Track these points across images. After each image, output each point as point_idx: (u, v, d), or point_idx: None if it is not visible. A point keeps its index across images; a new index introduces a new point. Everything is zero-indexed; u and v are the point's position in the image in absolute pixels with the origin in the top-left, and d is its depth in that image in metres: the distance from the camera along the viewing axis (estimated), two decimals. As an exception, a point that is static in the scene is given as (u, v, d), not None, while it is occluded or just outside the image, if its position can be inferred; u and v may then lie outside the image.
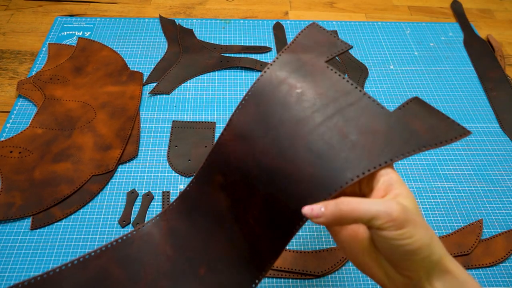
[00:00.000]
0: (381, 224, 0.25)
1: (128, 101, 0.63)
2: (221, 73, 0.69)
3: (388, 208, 0.25)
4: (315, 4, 0.86)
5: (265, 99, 0.32)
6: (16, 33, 0.75)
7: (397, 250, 0.26)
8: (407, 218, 0.25)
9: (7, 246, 0.48)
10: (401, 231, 0.25)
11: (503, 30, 0.82)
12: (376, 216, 0.25)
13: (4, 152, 0.55)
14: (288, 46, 0.35)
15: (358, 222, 0.26)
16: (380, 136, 0.29)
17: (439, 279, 0.27)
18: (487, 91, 0.69)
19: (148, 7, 0.82)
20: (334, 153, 0.29)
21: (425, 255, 0.26)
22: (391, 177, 0.28)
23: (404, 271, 0.27)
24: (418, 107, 0.31)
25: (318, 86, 0.32)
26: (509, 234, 0.51)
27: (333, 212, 0.26)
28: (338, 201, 0.26)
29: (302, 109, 0.31)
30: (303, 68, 0.33)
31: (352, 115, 0.31)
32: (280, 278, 0.47)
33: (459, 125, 0.30)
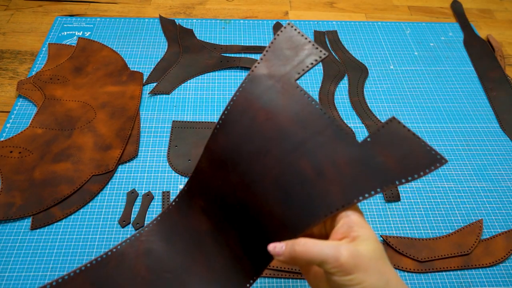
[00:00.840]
0: (329, 269, 0.25)
1: (128, 101, 0.63)
2: (221, 73, 0.69)
3: (336, 252, 0.25)
4: (315, 4, 0.86)
5: (234, 128, 0.32)
6: (16, 33, 0.75)
7: None
8: (356, 263, 0.25)
9: (7, 246, 0.48)
10: (349, 277, 0.25)
11: (503, 30, 0.82)
12: (325, 260, 0.25)
13: (4, 152, 0.55)
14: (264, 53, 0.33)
15: (311, 264, 0.27)
16: (347, 170, 0.28)
17: None
18: (487, 91, 0.69)
19: (148, 7, 0.82)
20: (301, 189, 0.29)
21: None
22: (351, 219, 0.27)
23: None
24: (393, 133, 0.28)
25: (286, 111, 0.31)
26: (509, 234, 0.51)
27: (289, 252, 0.27)
28: (295, 242, 0.27)
29: (269, 139, 0.30)
30: (272, 89, 0.32)
31: (318, 147, 0.29)
32: (280, 278, 0.47)
33: (435, 153, 0.26)
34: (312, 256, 0.26)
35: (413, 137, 0.27)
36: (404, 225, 0.52)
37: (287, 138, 0.30)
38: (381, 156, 0.28)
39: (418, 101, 0.67)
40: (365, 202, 0.54)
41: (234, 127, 0.31)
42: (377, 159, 0.28)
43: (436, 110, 0.66)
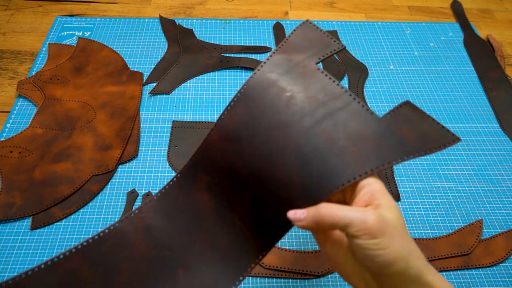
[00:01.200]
0: (354, 231, 0.25)
1: (128, 101, 0.63)
2: (221, 73, 0.69)
3: (363, 216, 0.25)
4: (315, 4, 0.86)
5: (255, 102, 0.32)
6: (16, 33, 0.75)
7: (372, 260, 0.25)
8: (382, 228, 0.25)
9: (7, 246, 0.48)
10: (375, 241, 0.25)
11: (503, 30, 0.82)
12: (350, 223, 0.25)
13: (4, 152, 0.55)
14: (280, 46, 0.34)
15: (335, 227, 0.26)
16: (368, 142, 0.29)
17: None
18: (487, 91, 0.69)
19: (148, 7, 0.82)
20: (322, 159, 0.29)
21: (402, 268, 0.25)
22: (373, 188, 0.28)
23: (382, 284, 0.27)
24: (409, 112, 0.31)
25: (308, 89, 0.32)
26: (509, 234, 0.51)
27: (312, 215, 0.27)
28: (319, 206, 0.27)
29: (291, 113, 0.31)
30: (294, 70, 0.33)
31: (341, 120, 0.30)
32: (280, 278, 0.47)
33: (449, 132, 0.29)
34: (338, 218, 0.26)
35: (429, 118, 0.30)
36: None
37: (309, 113, 0.31)
38: (401, 131, 0.30)
39: (418, 101, 0.67)
40: (365, 202, 0.54)
41: (254, 101, 0.32)
42: (398, 133, 0.30)
43: (436, 110, 0.66)
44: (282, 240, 0.50)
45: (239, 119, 0.32)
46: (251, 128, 0.31)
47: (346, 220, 0.26)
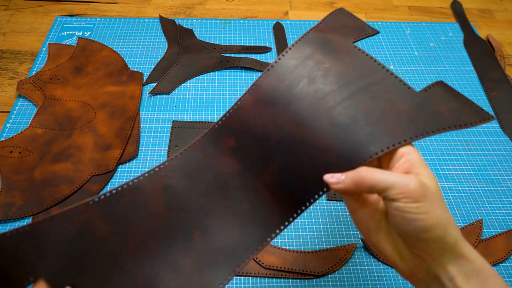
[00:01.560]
0: (396, 194, 0.25)
1: (128, 101, 0.63)
2: (221, 73, 0.69)
3: (405, 180, 0.25)
4: (315, 4, 0.86)
5: (291, 72, 0.32)
6: (16, 33, 0.75)
7: (411, 225, 0.25)
8: (424, 193, 0.25)
9: (7, 246, 0.48)
10: (417, 204, 0.25)
11: (503, 30, 0.82)
12: (392, 185, 0.25)
13: (4, 152, 0.55)
14: (316, 26, 0.35)
15: (374, 190, 0.26)
16: (405, 114, 0.30)
17: (453, 263, 0.26)
18: (487, 91, 0.69)
19: (148, 7, 0.82)
20: (358, 127, 0.29)
21: (439, 234, 0.25)
22: (412, 157, 0.28)
23: (417, 250, 0.27)
24: (443, 90, 0.31)
25: (344, 63, 0.32)
26: (509, 234, 0.51)
27: (352, 177, 0.27)
28: (358, 169, 0.27)
29: (328, 83, 0.31)
30: (331, 45, 0.33)
31: (378, 93, 0.31)
32: (280, 278, 0.47)
33: (483, 110, 0.30)
34: (379, 180, 0.26)
35: (463, 96, 0.31)
36: (404, 225, 0.52)
37: (346, 84, 0.31)
38: (437, 106, 0.30)
39: (418, 101, 0.67)
40: (365, 202, 0.54)
41: (290, 71, 0.32)
42: (434, 107, 0.30)
43: (436, 110, 0.66)
44: (282, 240, 0.50)
45: (274, 86, 0.32)
46: (287, 95, 0.31)
47: (388, 183, 0.26)
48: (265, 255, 0.48)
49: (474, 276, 0.26)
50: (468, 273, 0.26)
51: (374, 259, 0.49)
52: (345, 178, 0.27)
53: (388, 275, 0.47)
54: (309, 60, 0.33)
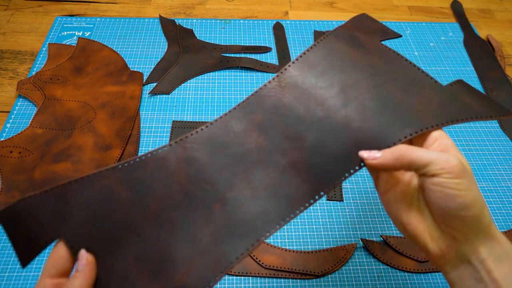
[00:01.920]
0: (437, 169, 0.26)
1: (128, 101, 0.63)
2: (221, 73, 0.69)
3: (446, 156, 0.26)
4: (315, 4, 0.86)
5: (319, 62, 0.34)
6: (16, 33, 0.75)
7: (451, 201, 0.26)
8: (465, 170, 0.26)
9: (7, 246, 0.48)
10: (458, 180, 0.25)
11: (503, 30, 0.82)
12: (434, 161, 0.26)
13: (4, 152, 0.55)
14: (342, 25, 0.37)
15: (414, 166, 0.27)
16: (436, 102, 0.31)
17: (485, 245, 0.26)
18: (487, 91, 0.69)
19: (148, 7, 0.82)
20: (391, 111, 0.30)
21: (477, 213, 0.26)
22: (446, 142, 0.29)
23: (451, 229, 0.27)
24: (465, 87, 0.33)
25: (373, 57, 0.34)
26: (509, 234, 0.51)
27: (391, 151, 0.27)
28: (398, 146, 0.28)
29: (358, 72, 0.33)
30: (358, 41, 0.35)
31: (407, 84, 0.32)
32: (280, 278, 0.47)
33: (503, 106, 0.32)
34: (418, 156, 0.26)
35: (482, 93, 0.33)
36: (404, 225, 0.52)
37: (378, 73, 0.33)
38: (464, 98, 0.32)
39: (418, 101, 0.67)
40: (365, 202, 0.54)
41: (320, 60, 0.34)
42: (462, 99, 0.32)
43: (436, 110, 0.66)
44: (282, 240, 0.50)
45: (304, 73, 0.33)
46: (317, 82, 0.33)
47: (429, 158, 0.26)
48: (265, 255, 0.48)
49: (504, 259, 0.26)
50: (499, 256, 0.26)
51: (374, 259, 0.49)
52: (384, 153, 0.28)
53: (388, 275, 0.47)
54: (339, 52, 0.34)
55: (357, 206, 0.53)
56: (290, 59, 0.72)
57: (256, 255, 0.48)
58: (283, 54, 0.73)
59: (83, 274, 0.26)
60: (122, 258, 0.27)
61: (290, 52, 0.74)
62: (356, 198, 0.54)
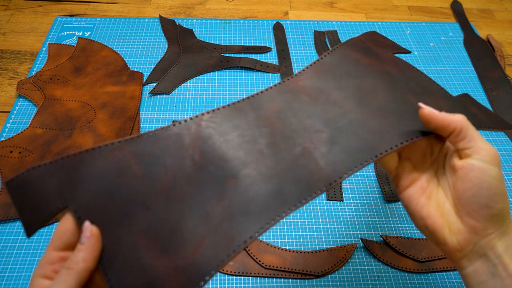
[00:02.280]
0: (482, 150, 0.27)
1: (128, 101, 0.63)
2: (221, 73, 0.69)
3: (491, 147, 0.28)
4: (315, 4, 0.86)
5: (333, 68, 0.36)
6: (16, 33, 0.75)
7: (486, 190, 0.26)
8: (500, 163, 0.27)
9: (7, 246, 0.48)
10: (498, 169, 0.27)
11: (503, 30, 0.82)
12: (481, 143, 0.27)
13: (4, 152, 0.55)
14: (356, 37, 0.39)
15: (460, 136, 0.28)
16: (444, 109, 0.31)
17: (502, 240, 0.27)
18: (487, 91, 0.69)
19: (148, 7, 0.82)
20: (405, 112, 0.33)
21: (504, 207, 0.27)
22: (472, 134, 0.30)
23: (473, 220, 0.27)
24: (471, 101, 0.35)
25: (387, 65, 0.36)
26: (509, 234, 0.51)
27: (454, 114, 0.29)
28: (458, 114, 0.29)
29: (376, 77, 0.35)
30: (372, 51, 0.37)
31: (419, 91, 0.34)
32: (280, 278, 0.47)
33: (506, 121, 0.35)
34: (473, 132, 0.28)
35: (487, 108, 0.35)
36: (404, 225, 0.52)
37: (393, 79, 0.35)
38: (472, 108, 0.34)
39: (418, 101, 0.67)
40: (365, 202, 0.54)
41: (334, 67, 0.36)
42: (469, 109, 0.34)
43: (436, 110, 0.66)
44: (282, 240, 0.50)
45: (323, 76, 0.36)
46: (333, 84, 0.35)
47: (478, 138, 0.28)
48: (265, 255, 0.48)
49: None
50: None
51: (374, 259, 0.49)
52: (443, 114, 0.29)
53: (388, 275, 0.47)
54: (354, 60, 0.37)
55: (357, 206, 0.53)
56: (290, 59, 0.72)
57: (256, 255, 0.48)
58: (283, 54, 0.73)
59: (86, 247, 0.25)
60: (130, 231, 0.27)
61: (290, 52, 0.74)
62: (356, 198, 0.54)
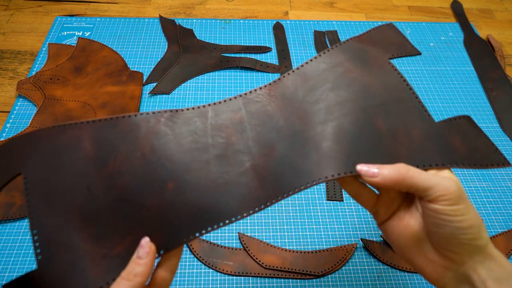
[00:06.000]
0: (437, 197, 0.25)
1: (128, 101, 0.63)
2: (221, 73, 0.69)
3: (446, 182, 0.26)
4: (315, 4, 0.86)
5: (318, 75, 0.34)
6: (16, 33, 0.75)
7: (447, 227, 0.26)
8: (462, 196, 0.26)
9: (7, 246, 0.48)
10: (456, 207, 0.25)
11: (503, 30, 0.82)
12: (433, 187, 0.26)
13: (4, 152, 0.55)
14: (359, 36, 0.37)
15: (412, 190, 0.26)
16: (415, 141, 0.30)
17: (483, 266, 0.26)
18: (487, 91, 0.69)
19: (148, 7, 0.82)
20: (365, 140, 0.30)
21: (473, 236, 0.26)
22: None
23: (448, 252, 0.27)
24: (466, 125, 0.32)
25: (372, 77, 0.33)
26: (509, 234, 0.51)
27: (392, 174, 0.27)
28: (398, 166, 0.27)
29: (350, 92, 0.32)
30: (365, 57, 0.35)
31: (395, 113, 0.31)
32: (280, 278, 0.47)
33: (501, 155, 0.30)
34: (419, 181, 0.26)
35: (485, 136, 0.31)
36: (404, 225, 0.52)
37: (369, 96, 0.32)
38: (453, 139, 0.31)
39: (418, 101, 0.67)
40: (365, 202, 0.54)
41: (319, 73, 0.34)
42: (449, 140, 0.30)
43: (436, 110, 0.66)
44: (282, 240, 0.50)
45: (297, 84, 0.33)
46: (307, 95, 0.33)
47: (429, 184, 0.26)
48: (265, 255, 0.48)
49: (505, 281, 0.26)
50: (498, 277, 0.26)
51: (374, 259, 0.49)
52: (382, 173, 0.27)
53: (388, 275, 0.47)
54: (339, 67, 0.34)
55: (357, 206, 0.53)
56: (290, 59, 0.72)
57: (256, 255, 0.48)
58: (283, 54, 0.73)
59: (145, 262, 0.26)
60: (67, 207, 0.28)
61: (290, 52, 0.74)
62: (356, 198, 0.54)
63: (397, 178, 0.26)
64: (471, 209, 0.26)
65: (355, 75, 0.33)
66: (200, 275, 0.47)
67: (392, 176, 0.27)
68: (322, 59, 0.34)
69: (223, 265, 0.47)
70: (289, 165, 0.30)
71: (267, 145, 0.31)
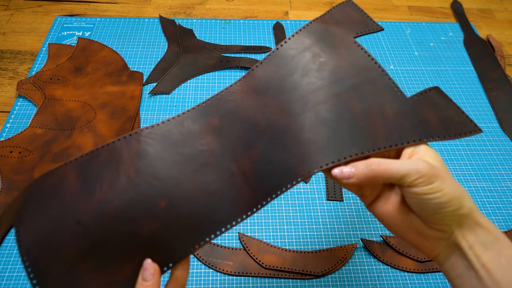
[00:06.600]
0: (412, 181, 0.27)
1: (128, 101, 0.63)
2: (221, 73, 0.69)
3: (416, 165, 0.27)
4: (315, 4, 0.86)
5: (287, 63, 0.33)
6: (16, 33, 0.75)
7: (428, 205, 0.27)
8: (435, 173, 0.27)
9: (7, 246, 0.48)
10: (431, 186, 0.26)
11: (503, 30, 0.82)
12: (407, 174, 0.27)
13: (4, 152, 0.55)
14: (320, 16, 0.36)
15: (389, 181, 0.27)
16: (391, 119, 0.30)
17: (471, 232, 0.27)
18: (487, 91, 0.69)
19: (148, 7, 0.82)
20: (344, 126, 0.30)
21: (455, 207, 0.27)
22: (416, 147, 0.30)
23: (436, 225, 0.28)
24: (436, 97, 0.32)
25: (341, 58, 0.33)
26: (509, 234, 0.51)
27: (365, 172, 0.27)
28: (369, 162, 0.28)
29: (321, 78, 0.32)
30: (330, 39, 0.34)
31: (368, 93, 0.31)
32: (280, 278, 0.47)
33: (471, 122, 0.31)
34: (392, 172, 0.27)
35: (455, 105, 0.31)
36: (404, 225, 0.52)
37: (340, 81, 0.32)
38: (426, 113, 0.31)
39: (418, 101, 0.67)
40: (365, 202, 0.54)
41: (287, 62, 0.33)
42: (422, 115, 0.31)
43: (436, 110, 0.66)
44: (282, 240, 0.50)
45: (269, 75, 0.33)
46: (280, 85, 0.32)
47: (402, 172, 0.27)
48: (265, 255, 0.48)
49: (490, 246, 0.27)
50: (485, 242, 0.27)
51: (374, 259, 0.49)
52: (356, 172, 0.28)
53: (388, 275, 0.47)
54: (306, 52, 0.33)
55: (357, 206, 0.53)
56: (290, 59, 0.72)
57: (256, 255, 0.48)
58: (283, 54, 0.73)
59: (151, 283, 0.27)
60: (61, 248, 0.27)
61: (290, 52, 0.74)
62: (356, 198, 0.54)
63: (371, 174, 0.27)
64: (448, 182, 0.27)
65: (323, 59, 0.33)
66: (200, 275, 0.47)
67: (365, 173, 0.27)
68: (289, 45, 0.34)
69: (223, 265, 0.47)
70: (273, 164, 0.30)
71: (248, 146, 0.31)
